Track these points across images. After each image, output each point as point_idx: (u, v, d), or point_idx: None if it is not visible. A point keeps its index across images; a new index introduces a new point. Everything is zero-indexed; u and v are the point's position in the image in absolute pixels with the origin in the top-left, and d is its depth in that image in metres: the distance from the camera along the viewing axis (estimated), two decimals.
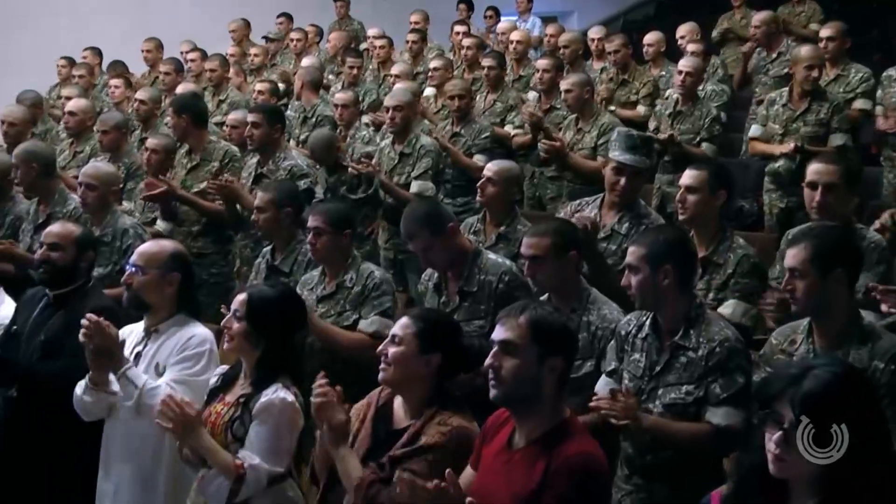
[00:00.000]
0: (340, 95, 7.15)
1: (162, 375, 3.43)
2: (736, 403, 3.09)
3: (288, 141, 6.80)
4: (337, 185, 6.24)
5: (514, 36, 8.60)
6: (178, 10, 11.25)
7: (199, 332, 3.53)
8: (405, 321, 2.95)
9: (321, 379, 2.92)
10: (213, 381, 3.33)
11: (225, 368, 3.37)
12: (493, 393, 2.59)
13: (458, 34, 9.46)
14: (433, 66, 7.93)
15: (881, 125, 6.29)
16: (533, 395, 2.57)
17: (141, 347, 3.52)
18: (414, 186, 6.01)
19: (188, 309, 3.60)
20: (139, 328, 3.59)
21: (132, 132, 7.06)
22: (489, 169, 4.82)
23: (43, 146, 5.85)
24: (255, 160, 5.83)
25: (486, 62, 7.54)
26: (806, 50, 6.17)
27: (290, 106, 7.86)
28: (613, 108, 7.46)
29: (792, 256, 3.10)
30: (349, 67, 8.34)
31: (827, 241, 3.13)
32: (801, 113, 6.02)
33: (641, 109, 7.49)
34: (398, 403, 2.98)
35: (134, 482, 3.50)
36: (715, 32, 9.04)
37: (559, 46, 8.26)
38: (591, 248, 4.08)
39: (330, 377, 2.97)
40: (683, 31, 8.32)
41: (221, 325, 3.27)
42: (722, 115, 6.78)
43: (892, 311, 3.47)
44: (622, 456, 3.35)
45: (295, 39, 9.84)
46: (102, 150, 6.33)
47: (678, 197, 4.11)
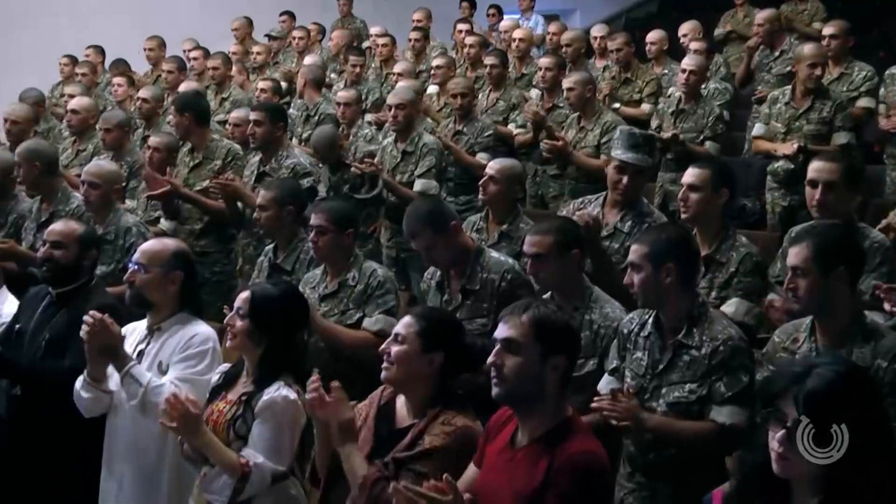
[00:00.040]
0: (343, 94, 7.15)
1: (165, 374, 3.43)
2: (740, 402, 3.09)
3: (290, 139, 6.80)
4: (340, 183, 6.24)
5: (516, 34, 8.60)
6: (180, 8, 11.25)
7: (202, 330, 3.53)
8: (408, 320, 2.94)
9: (315, 375, 2.92)
10: (214, 379, 3.33)
11: (227, 367, 3.37)
12: (495, 391, 2.59)
13: (460, 32, 9.46)
14: (436, 64, 7.93)
15: (883, 125, 6.28)
16: (535, 393, 2.57)
17: (144, 345, 3.52)
18: (417, 185, 6.01)
19: (191, 307, 3.60)
20: (142, 326, 3.59)
21: (135, 130, 7.07)
22: (491, 167, 4.81)
23: (46, 144, 5.85)
24: (257, 158, 5.83)
25: (488, 60, 7.54)
26: (809, 48, 6.16)
27: (292, 104, 7.86)
28: (617, 105, 7.46)
29: (794, 255, 3.10)
30: (352, 66, 8.34)
31: (828, 239, 3.13)
32: (803, 111, 6.01)
33: (646, 107, 7.48)
34: (400, 402, 2.98)
35: (137, 480, 3.50)
36: (718, 31, 9.03)
37: (561, 44, 8.26)
38: (594, 245, 4.08)
39: (333, 376, 2.97)
40: (686, 29, 8.32)
41: (224, 323, 3.27)
42: (725, 113, 6.78)
43: (895, 310, 3.46)
44: (624, 454, 3.35)
45: (297, 38, 9.85)
46: (105, 148, 6.33)
47: (680, 195, 4.11)
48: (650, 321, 3.31)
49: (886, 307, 3.45)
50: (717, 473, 3.06)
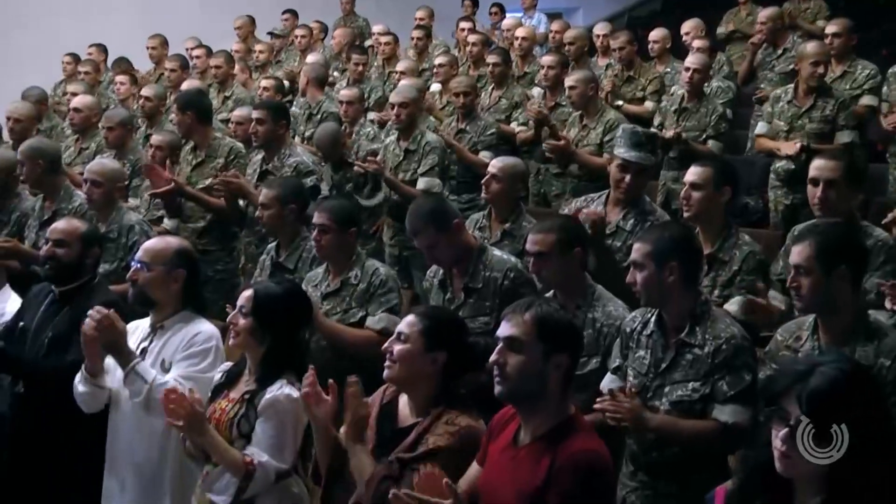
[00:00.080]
0: (345, 92, 7.15)
1: (167, 372, 3.43)
2: (743, 401, 3.09)
3: (293, 137, 6.80)
4: (342, 182, 6.24)
5: (519, 32, 8.59)
6: (183, 6, 11.25)
7: (205, 328, 3.53)
8: (411, 319, 2.94)
9: (310, 371, 2.91)
10: (217, 377, 3.33)
11: (229, 365, 3.37)
12: (498, 389, 2.59)
13: (463, 31, 9.46)
14: (438, 62, 7.92)
15: (884, 124, 6.26)
16: (538, 391, 2.57)
17: (147, 343, 3.52)
18: (420, 183, 6.00)
19: (194, 305, 3.60)
20: (145, 324, 3.59)
21: (137, 129, 7.07)
22: (494, 165, 4.81)
23: (48, 143, 5.86)
24: (260, 157, 5.83)
25: (491, 59, 7.53)
26: (812, 46, 6.15)
27: (295, 102, 7.86)
28: (620, 102, 7.45)
29: (796, 253, 3.10)
30: (354, 64, 8.34)
31: (831, 238, 3.12)
32: (806, 110, 6.00)
33: (649, 105, 7.47)
34: (403, 401, 2.97)
35: (139, 479, 3.50)
36: (720, 30, 9.02)
37: (564, 43, 8.25)
38: (598, 244, 4.08)
39: (335, 375, 2.97)
40: (688, 27, 8.31)
41: (227, 321, 3.27)
42: (728, 112, 6.77)
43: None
44: (627, 453, 3.35)
45: (300, 36, 9.84)
46: (108, 146, 6.34)
47: (683, 194, 4.10)
48: (653, 320, 3.30)
49: (888, 305, 3.45)
50: (719, 472, 3.06)
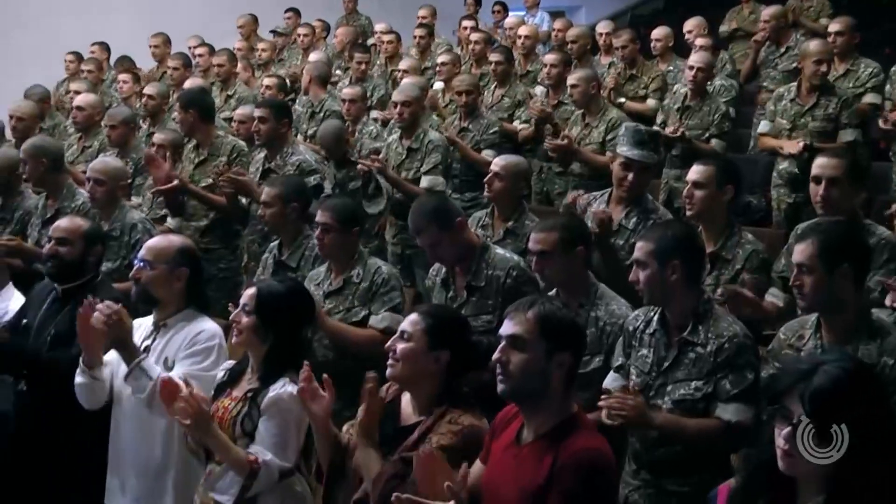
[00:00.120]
0: (348, 90, 7.14)
1: (170, 370, 3.43)
2: (745, 399, 3.08)
3: (295, 136, 6.80)
4: (345, 180, 6.23)
5: (521, 31, 8.58)
6: (185, 5, 11.26)
7: (208, 326, 3.53)
8: (414, 317, 2.93)
9: (305, 366, 2.91)
10: (219, 375, 3.33)
11: (231, 363, 3.37)
12: (500, 387, 2.59)
13: (465, 29, 9.45)
14: (441, 60, 7.92)
15: (882, 124, 6.23)
16: (541, 389, 2.56)
17: (150, 342, 3.52)
18: (424, 181, 6.00)
19: (197, 304, 3.60)
20: (148, 322, 3.60)
21: (140, 127, 7.07)
22: (497, 164, 4.81)
23: (51, 141, 5.87)
24: (262, 155, 5.82)
25: (493, 57, 7.53)
26: (814, 44, 6.14)
27: (297, 101, 7.86)
28: (622, 100, 7.45)
29: (799, 252, 3.09)
30: (357, 63, 8.34)
31: (834, 236, 3.11)
32: (809, 108, 5.99)
33: (651, 103, 7.46)
34: (406, 400, 2.97)
35: (142, 477, 3.50)
36: (723, 28, 9.01)
37: (567, 41, 8.24)
38: (604, 243, 4.08)
39: (338, 373, 2.97)
40: (690, 25, 8.30)
41: (230, 319, 3.27)
42: (731, 110, 6.76)
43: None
44: (630, 451, 3.35)
45: (302, 35, 9.84)
46: (110, 145, 6.35)
47: (685, 192, 4.10)
48: (656, 318, 3.30)
49: (888, 302, 3.44)
50: (722, 471, 3.06)
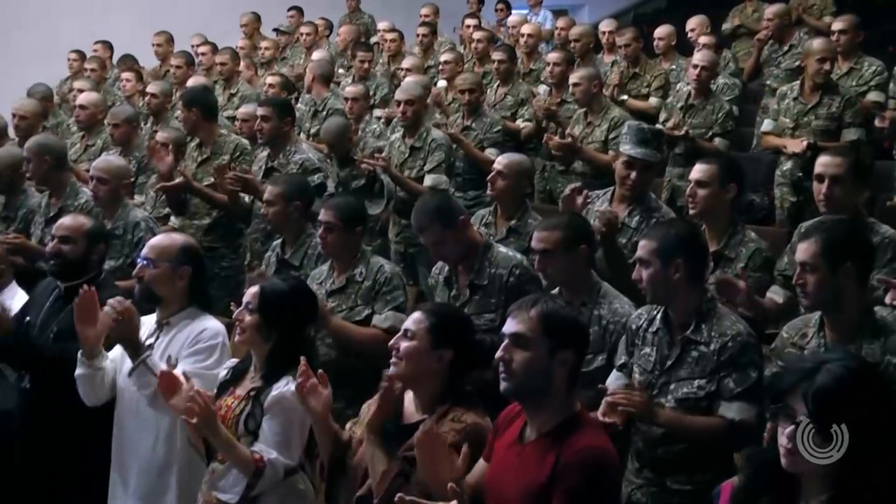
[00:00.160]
0: (351, 89, 7.14)
1: (174, 368, 3.43)
2: (749, 398, 3.08)
3: (298, 134, 6.80)
4: (349, 179, 6.23)
5: (524, 29, 8.59)
6: (185, 4, 11.26)
7: (211, 325, 3.54)
8: (418, 316, 2.93)
9: (303, 361, 2.91)
10: (222, 374, 3.34)
11: (234, 362, 3.37)
12: (503, 386, 2.59)
13: (468, 27, 9.45)
14: (444, 59, 7.92)
15: (877, 123, 6.21)
16: (543, 388, 2.56)
17: (153, 340, 3.52)
18: (428, 180, 5.99)
19: (200, 302, 3.60)
20: (151, 321, 3.60)
21: (143, 126, 7.08)
22: (500, 162, 4.81)
23: (55, 139, 5.87)
24: (265, 154, 5.82)
25: (496, 56, 7.53)
26: (818, 43, 6.13)
27: (300, 99, 7.87)
28: (625, 97, 7.45)
29: (802, 251, 3.09)
30: (359, 61, 8.33)
31: (837, 235, 3.11)
32: (812, 106, 5.99)
33: (653, 101, 7.47)
34: (409, 398, 2.96)
35: (145, 475, 3.51)
36: (726, 26, 8.99)
37: (570, 40, 8.24)
38: (610, 242, 4.08)
39: (341, 372, 2.97)
40: (693, 24, 8.30)
41: (233, 317, 3.27)
42: (734, 109, 6.76)
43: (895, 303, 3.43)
44: (633, 450, 3.35)
45: (304, 33, 9.84)
46: (113, 143, 6.35)
47: (688, 191, 4.10)
48: (658, 317, 3.30)
49: (888, 300, 3.43)
50: (725, 469, 3.05)
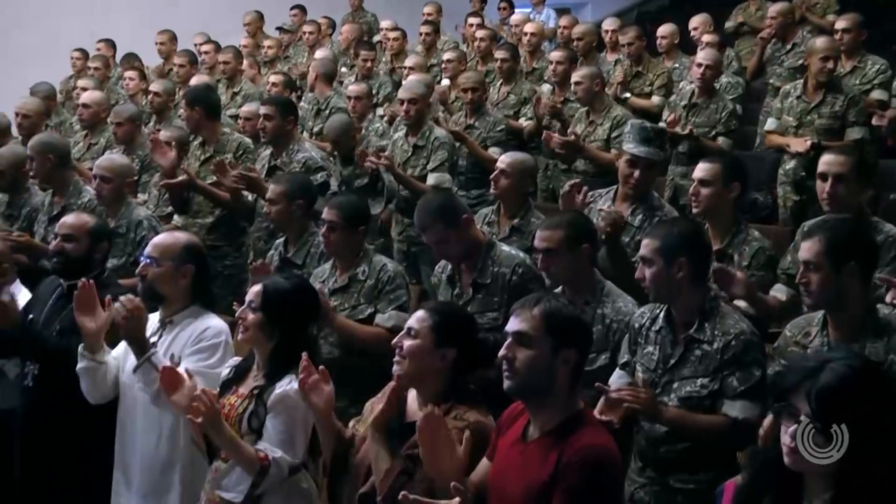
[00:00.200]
0: (354, 87, 7.14)
1: (177, 367, 3.43)
2: (752, 396, 3.08)
3: (301, 133, 6.80)
4: (352, 177, 6.23)
5: (527, 28, 8.58)
6: (185, 3, 11.26)
7: (214, 323, 3.54)
8: (421, 314, 2.93)
9: (304, 356, 2.91)
10: (225, 372, 3.34)
11: (237, 360, 3.37)
12: (506, 384, 2.59)
13: (471, 26, 9.45)
14: (446, 57, 7.92)
15: (875, 121, 6.19)
16: (546, 386, 2.56)
17: (156, 338, 3.52)
18: (431, 179, 5.99)
19: (203, 300, 3.60)
20: (153, 319, 3.60)
21: (146, 124, 7.08)
22: (503, 161, 4.80)
23: (58, 137, 5.88)
24: (268, 152, 5.82)
25: (499, 54, 7.53)
26: (821, 41, 6.12)
27: (303, 98, 7.87)
28: (627, 94, 7.44)
29: (806, 249, 3.09)
30: (362, 60, 8.33)
31: (841, 233, 3.11)
32: (815, 105, 5.97)
33: (656, 100, 7.46)
34: (412, 396, 2.96)
35: (148, 473, 3.51)
36: (729, 24, 8.98)
37: (573, 38, 8.24)
38: (614, 242, 4.07)
39: (344, 370, 2.97)
40: (696, 22, 8.29)
41: (236, 316, 3.27)
42: (738, 108, 6.75)
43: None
44: (636, 449, 3.35)
45: (307, 32, 9.84)
46: (117, 142, 6.36)
47: (692, 190, 4.10)
48: (662, 315, 3.30)
49: (889, 299, 3.42)
50: (728, 468, 3.05)
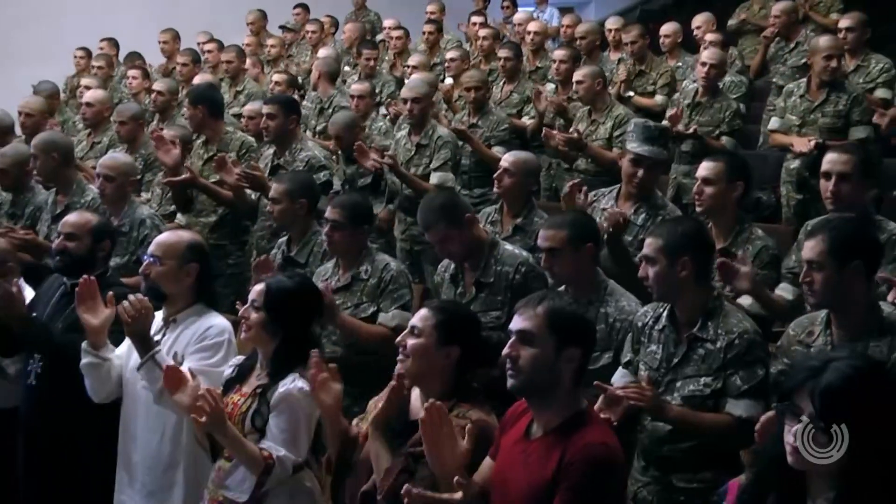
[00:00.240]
0: (357, 86, 7.14)
1: (180, 365, 3.43)
2: (756, 395, 3.09)
3: (304, 132, 6.80)
4: (355, 176, 6.22)
5: (530, 27, 8.57)
6: (187, 2, 11.26)
7: (217, 322, 3.54)
8: (425, 313, 2.93)
9: (314, 356, 2.91)
10: (228, 371, 3.34)
11: (240, 359, 3.38)
12: (510, 383, 2.59)
13: (474, 25, 9.45)
14: (449, 56, 7.92)
15: (875, 119, 6.18)
16: (550, 385, 2.56)
17: (159, 337, 3.53)
18: (434, 178, 5.98)
19: (206, 299, 3.61)
20: (157, 318, 3.60)
21: (149, 123, 7.09)
22: (506, 160, 4.80)
23: (62, 136, 5.88)
24: (271, 151, 5.82)
25: (502, 53, 7.52)
26: (825, 40, 6.10)
27: (306, 97, 7.87)
28: (631, 93, 7.44)
29: (809, 248, 3.08)
30: (365, 59, 8.32)
31: (844, 232, 3.10)
32: (818, 104, 5.96)
33: (659, 99, 7.46)
34: (415, 395, 2.97)
35: (151, 472, 3.51)
36: (731, 22, 8.97)
37: (576, 37, 8.23)
38: (616, 242, 4.07)
39: (348, 369, 2.97)
40: (699, 21, 8.27)
41: (239, 315, 3.27)
42: (741, 107, 6.74)
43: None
44: (638, 448, 3.35)
45: (310, 31, 9.84)
46: (120, 141, 6.36)
47: (695, 189, 4.10)
48: (665, 314, 3.30)
49: (890, 298, 3.42)
50: (730, 467, 3.05)
